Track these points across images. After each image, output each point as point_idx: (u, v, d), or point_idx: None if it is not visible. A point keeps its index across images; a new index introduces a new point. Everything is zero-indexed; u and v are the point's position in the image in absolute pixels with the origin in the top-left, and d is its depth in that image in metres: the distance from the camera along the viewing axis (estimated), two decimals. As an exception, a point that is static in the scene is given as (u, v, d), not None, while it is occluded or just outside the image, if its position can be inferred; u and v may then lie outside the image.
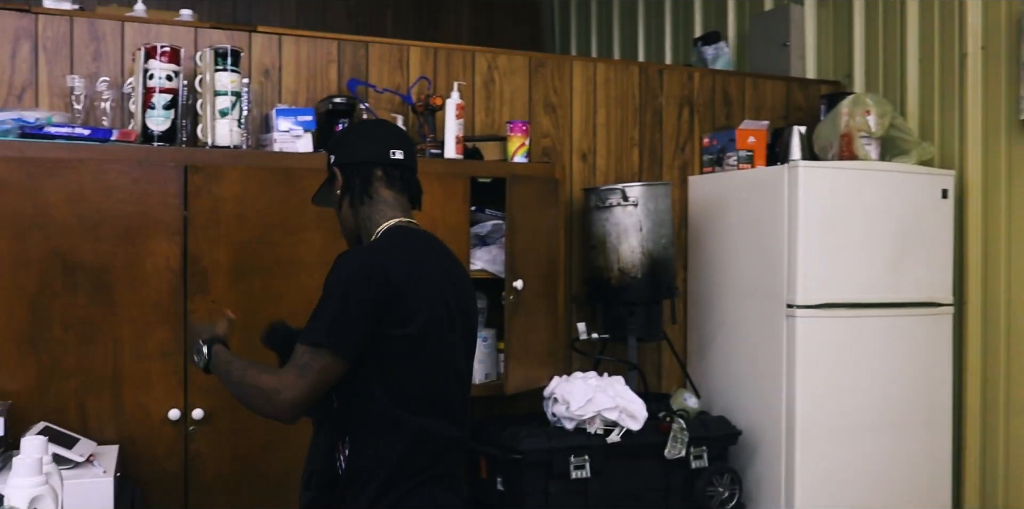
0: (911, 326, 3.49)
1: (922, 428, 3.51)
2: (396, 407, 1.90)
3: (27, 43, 3.03)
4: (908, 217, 3.51)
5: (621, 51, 6.10)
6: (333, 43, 3.42)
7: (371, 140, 2.11)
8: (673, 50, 5.58)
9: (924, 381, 3.51)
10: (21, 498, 1.70)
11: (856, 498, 3.38)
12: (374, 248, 1.99)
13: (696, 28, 5.30)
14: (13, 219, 2.68)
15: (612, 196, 3.45)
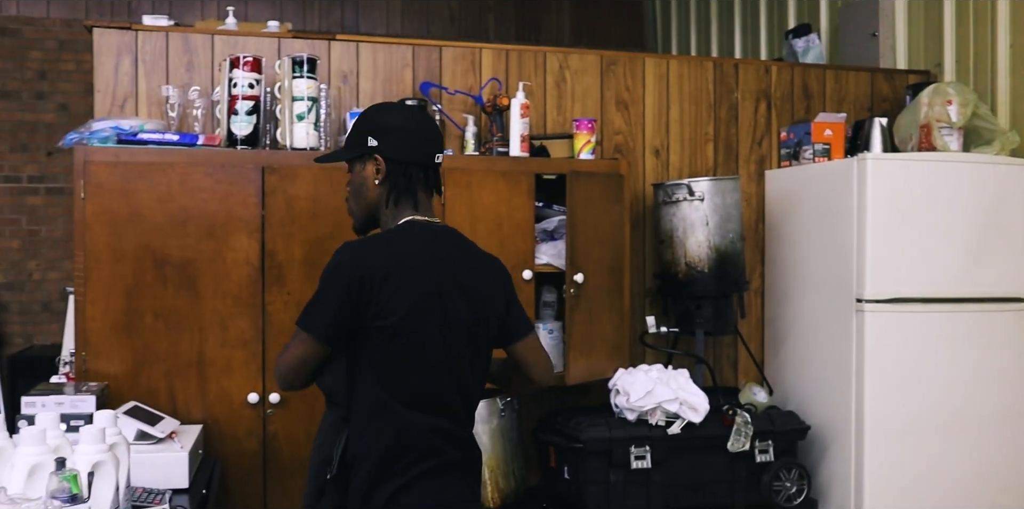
0: (991, 322, 3.38)
1: (1002, 428, 3.39)
2: (386, 394, 2.00)
3: (128, 57, 3.32)
4: (990, 209, 3.40)
5: (719, 47, 6.08)
6: (408, 48, 3.59)
7: (422, 140, 2.14)
8: (768, 44, 5.52)
9: (1004, 379, 3.39)
10: (84, 463, 1.92)
11: (929, 497, 3.30)
12: (369, 242, 2.09)
13: (790, 21, 5.24)
14: (110, 217, 2.96)
15: (678, 191, 3.49)
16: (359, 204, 2.18)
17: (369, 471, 2.00)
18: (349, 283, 1.98)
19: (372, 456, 2.00)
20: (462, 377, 2.08)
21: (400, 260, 2.03)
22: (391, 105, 2.39)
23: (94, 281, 2.94)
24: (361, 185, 2.16)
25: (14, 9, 6.12)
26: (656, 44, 6.98)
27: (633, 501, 3.23)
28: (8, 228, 6.02)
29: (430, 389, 2.04)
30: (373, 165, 2.12)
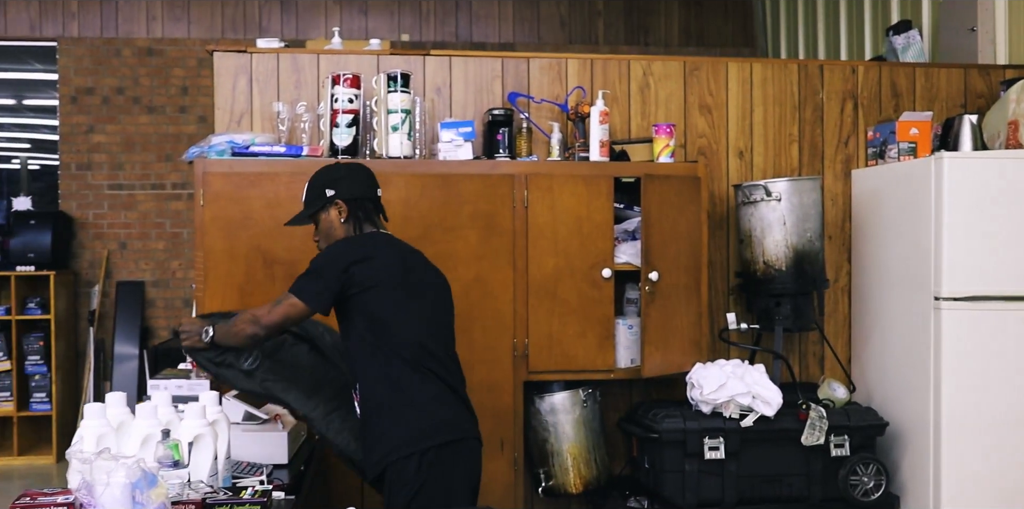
0: (1079, 320, 3.34)
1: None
2: (391, 357, 2.54)
3: (244, 77, 3.68)
4: (1079, 206, 3.36)
5: (825, 45, 6.05)
6: (497, 61, 3.82)
7: (365, 180, 2.73)
8: (872, 42, 5.48)
9: (1090, 377, 3.34)
10: (186, 434, 2.23)
11: (1008, 495, 3.29)
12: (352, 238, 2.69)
13: (893, 18, 5.19)
14: (225, 222, 3.31)
15: (756, 192, 3.59)
16: (329, 234, 2.71)
17: (389, 437, 2.60)
18: (344, 263, 2.63)
19: (384, 422, 2.66)
20: (448, 342, 2.78)
21: (375, 250, 2.65)
22: (331, 166, 2.82)
23: (211, 279, 3.30)
24: (330, 228, 2.70)
25: (159, 31, 6.70)
26: (766, 43, 6.99)
27: (708, 491, 3.36)
28: (154, 231, 6.60)
29: (433, 352, 2.71)
30: (335, 209, 2.68)
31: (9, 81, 7.34)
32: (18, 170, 7.53)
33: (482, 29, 7.04)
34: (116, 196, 6.62)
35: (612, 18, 7.14)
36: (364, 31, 6.87)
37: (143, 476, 1.69)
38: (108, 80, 6.63)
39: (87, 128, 6.62)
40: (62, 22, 6.64)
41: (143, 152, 6.61)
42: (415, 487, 2.49)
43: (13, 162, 7.78)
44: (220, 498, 1.93)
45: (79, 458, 1.70)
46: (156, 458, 2.08)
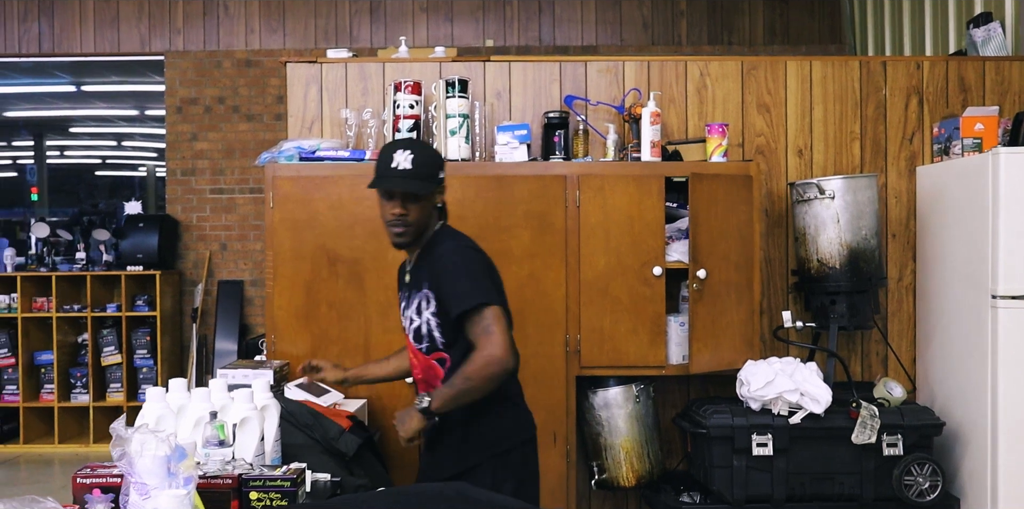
0: None
1: None
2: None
3: (314, 86, 3.89)
4: None
5: (911, 41, 5.92)
6: (555, 65, 3.93)
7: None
8: (956, 36, 5.35)
9: None
10: (233, 417, 2.43)
11: (1068, 498, 3.21)
12: (466, 237, 2.61)
13: (976, 11, 5.06)
14: (292, 223, 3.53)
15: (809, 190, 3.59)
16: (423, 223, 2.54)
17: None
18: (489, 262, 2.56)
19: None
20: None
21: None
22: (427, 144, 2.79)
23: (280, 277, 3.52)
24: (432, 208, 2.56)
25: (257, 43, 7.06)
26: (854, 40, 6.87)
27: (757, 487, 3.39)
28: (252, 232, 6.96)
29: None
30: (439, 193, 2.57)
31: (131, 93, 7.87)
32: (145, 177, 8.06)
33: (565, 32, 7.15)
34: (217, 200, 7.02)
35: (695, 18, 7.14)
36: (450, 38, 7.07)
37: (175, 450, 1.87)
38: (210, 90, 7.03)
39: (191, 136, 7.04)
40: (168, 37, 7.07)
41: (242, 158, 6.98)
42: (520, 477, 2.55)
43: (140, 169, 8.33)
44: (254, 474, 2.10)
45: (119, 433, 1.90)
46: (204, 437, 2.27)
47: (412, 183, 2.48)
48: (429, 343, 2.53)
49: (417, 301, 2.53)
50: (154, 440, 1.87)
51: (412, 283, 2.56)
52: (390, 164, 2.50)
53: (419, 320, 2.53)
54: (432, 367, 2.55)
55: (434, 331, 2.50)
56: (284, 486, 2.08)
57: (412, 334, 2.57)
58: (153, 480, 1.83)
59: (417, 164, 2.48)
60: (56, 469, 5.85)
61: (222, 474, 2.12)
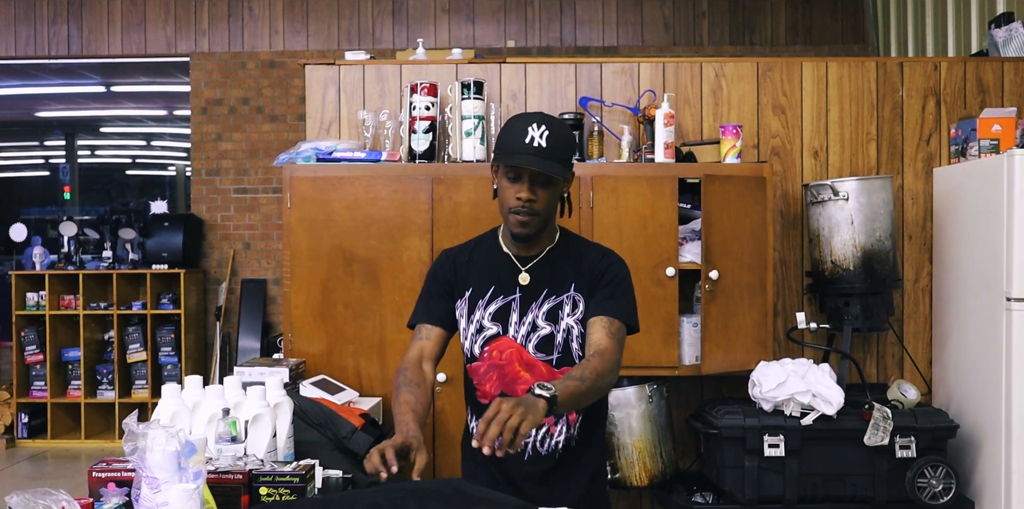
0: None
1: None
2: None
3: (332, 88, 3.94)
4: None
5: (933, 41, 5.89)
6: (571, 67, 3.96)
7: None
8: (979, 36, 5.31)
9: None
10: (245, 414, 2.48)
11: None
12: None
13: (999, 10, 5.03)
14: (309, 223, 3.58)
15: (823, 191, 3.59)
16: (550, 213, 2.18)
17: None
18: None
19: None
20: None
21: None
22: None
23: (297, 276, 3.57)
24: (562, 196, 2.22)
25: (281, 45, 7.14)
26: (877, 40, 6.84)
27: (769, 487, 3.40)
28: (276, 232, 7.04)
29: None
30: (569, 180, 2.22)
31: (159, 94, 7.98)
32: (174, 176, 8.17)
33: (586, 33, 7.17)
34: (241, 199, 7.10)
35: (716, 18, 7.13)
36: (472, 39, 7.12)
37: (185, 445, 1.92)
38: (235, 91, 7.12)
39: (215, 136, 7.13)
40: (194, 39, 7.17)
41: (265, 158, 7.06)
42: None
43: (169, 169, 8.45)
44: (264, 469, 2.15)
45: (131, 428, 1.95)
46: (216, 433, 2.32)
47: (549, 164, 2.07)
48: (562, 354, 2.19)
49: (550, 305, 2.19)
50: (165, 435, 1.92)
51: (540, 284, 2.21)
52: (523, 139, 2.09)
53: (551, 327, 2.19)
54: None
55: (573, 341, 2.19)
56: (294, 482, 2.13)
57: (536, 342, 2.19)
58: (163, 474, 1.88)
59: (553, 143, 2.09)
60: (82, 464, 5.96)
61: (233, 469, 2.16)
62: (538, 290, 2.20)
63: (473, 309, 2.24)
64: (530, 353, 2.19)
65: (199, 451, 1.95)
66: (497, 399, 1.83)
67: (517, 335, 2.20)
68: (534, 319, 2.19)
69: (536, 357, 2.19)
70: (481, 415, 2.02)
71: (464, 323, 2.25)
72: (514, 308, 2.21)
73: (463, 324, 2.26)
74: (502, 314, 2.21)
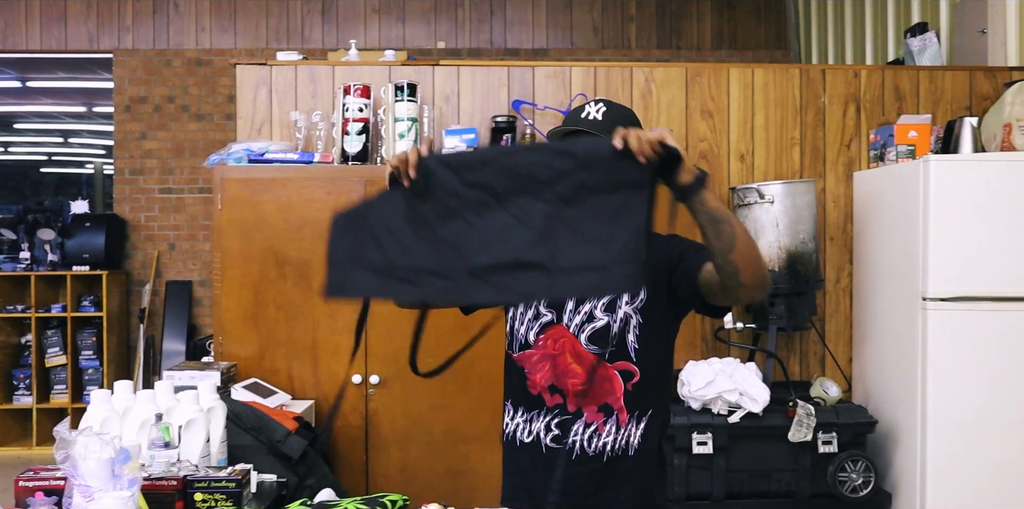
0: (1066, 321, 3.37)
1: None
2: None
3: (264, 89, 3.91)
4: (1068, 208, 3.39)
5: (852, 49, 6.08)
6: (503, 70, 3.99)
7: None
8: (895, 44, 5.51)
9: (1079, 378, 3.37)
10: (179, 419, 2.44)
11: (992, 494, 3.33)
12: None
13: (913, 21, 5.22)
14: (241, 225, 3.54)
15: (749, 194, 3.69)
16: None
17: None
18: None
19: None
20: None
21: None
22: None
23: (228, 278, 3.53)
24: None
25: (208, 43, 7.02)
26: (799, 46, 7.02)
27: (697, 485, 3.47)
28: (202, 232, 6.92)
29: None
30: None
31: (78, 90, 7.78)
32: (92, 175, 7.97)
33: (516, 35, 7.21)
34: (166, 199, 6.97)
35: (644, 23, 7.24)
36: (402, 39, 7.10)
37: (119, 452, 1.90)
38: (159, 89, 6.98)
39: (139, 135, 6.98)
40: (117, 35, 7.01)
41: (191, 158, 6.94)
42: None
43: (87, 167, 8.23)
44: (199, 475, 2.13)
45: (62, 436, 1.91)
46: (149, 439, 2.29)
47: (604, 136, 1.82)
48: (616, 348, 2.03)
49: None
50: (98, 443, 1.89)
51: None
52: (579, 114, 2.09)
53: (607, 317, 2.04)
54: (610, 380, 2.04)
55: (629, 333, 2.04)
56: (229, 487, 2.11)
57: (589, 334, 2.06)
58: (97, 482, 1.85)
59: (611, 118, 2.03)
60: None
61: (167, 476, 2.14)
62: None
63: None
64: (582, 344, 2.06)
65: (134, 458, 1.93)
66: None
67: (571, 324, 2.06)
68: (591, 309, 2.06)
69: (588, 349, 2.05)
70: (527, 408, 2.08)
71: (523, 307, 2.11)
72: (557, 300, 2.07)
73: (521, 308, 2.11)
74: (558, 301, 2.08)
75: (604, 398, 2.03)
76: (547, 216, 1.74)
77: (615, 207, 1.71)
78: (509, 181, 1.76)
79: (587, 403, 2.03)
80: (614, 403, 2.03)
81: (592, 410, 2.03)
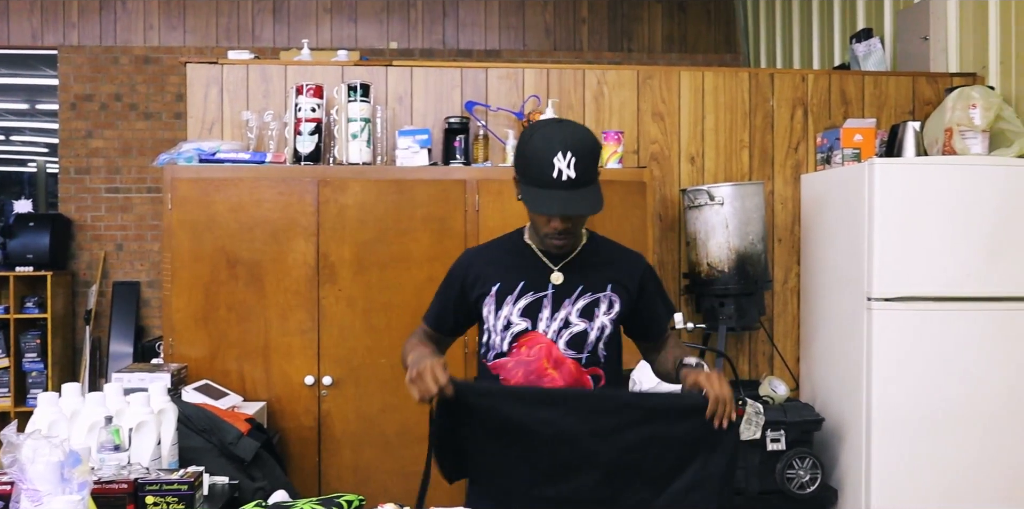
0: (1003, 321, 3.46)
1: (1008, 424, 3.46)
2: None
3: (215, 88, 3.87)
4: (1007, 210, 3.49)
5: (800, 51, 6.19)
6: (456, 71, 4.00)
7: None
8: (841, 50, 5.62)
9: (1012, 376, 3.46)
10: (129, 421, 2.42)
11: (934, 490, 3.42)
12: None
13: (859, 27, 5.33)
14: (192, 225, 3.50)
15: (700, 196, 3.74)
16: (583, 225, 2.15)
17: None
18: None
19: None
20: None
21: None
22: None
23: (178, 278, 3.49)
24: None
25: (156, 40, 6.92)
26: (748, 50, 7.13)
27: (649, 482, 3.51)
28: (150, 233, 6.82)
29: None
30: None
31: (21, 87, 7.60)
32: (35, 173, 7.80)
33: (468, 37, 7.22)
34: (113, 199, 6.85)
35: (596, 25, 7.30)
36: (354, 39, 7.06)
37: (68, 455, 1.87)
38: (106, 87, 6.86)
39: (85, 133, 6.85)
40: (63, 31, 6.87)
41: (139, 157, 6.83)
42: None
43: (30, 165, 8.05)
44: (150, 478, 2.11)
45: (9, 439, 1.88)
46: (99, 442, 2.26)
47: (582, 200, 1.96)
48: (591, 354, 2.13)
49: (585, 302, 2.12)
50: (47, 446, 1.87)
51: (575, 281, 2.13)
52: (550, 173, 1.95)
53: (585, 324, 2.11)
54: (584, 384, 2.14)
55: (602, 341, 2.14)
56: (181, 490, 2.09)
57: (567, 340, 2.12)
58: (46, 486, 1.82)
59: (583, 168, 1.95)
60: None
61: (117, 479, 2.11)
62: (572, 287, 2.13)
63: (501, 304, 2.14)
64: (560, 350, 2.12)
65: (83, 461, 1.90)
66: (704, 375, 2.10)
67: (548, 330, 2.12)
68: (567, 315, 2.12)
69: (567, 354, 2.12)
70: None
71: (492, 319, 2.15)
72: (546, 304, 2.13)
73: (491, 320, 2.16)
74: (532, 310, 2.13)
75: None
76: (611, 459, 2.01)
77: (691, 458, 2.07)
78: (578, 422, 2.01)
79: None
80: None
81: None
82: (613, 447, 2.00)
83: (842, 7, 5.59)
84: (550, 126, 2.02)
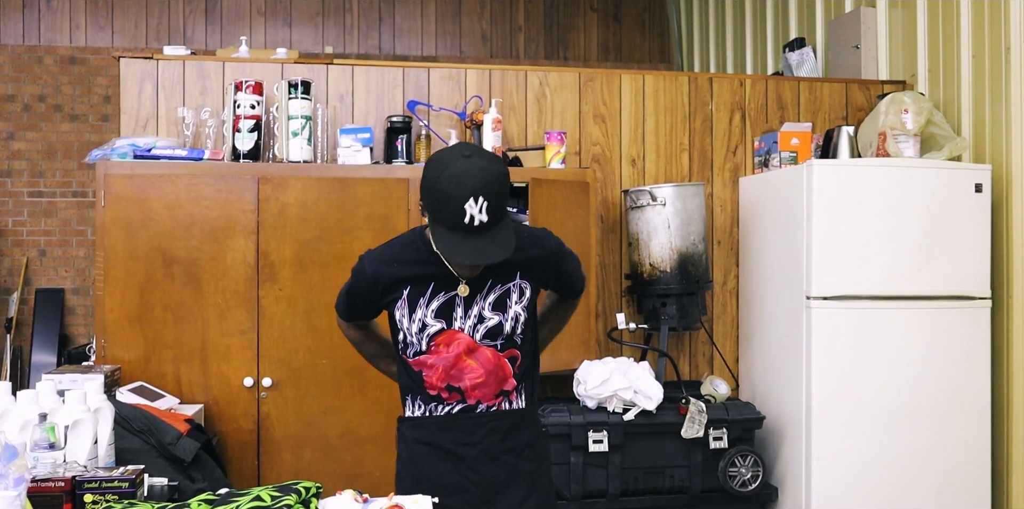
0: (938, 318, 3.56)
1: (954, 421, 3.55)
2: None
3: (150, 83, 3.77)
4: (938, 211, 3.59)
5: (733, 62, 6.31)
6: (398, 70, 3.97)
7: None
8: (774, 58, 5.74)
9: (956, 373, 3.56)
10: (64, 419, 2.32)
11: (873, 484, 3.49)
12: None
13: (792, 36, 5.45)
14: (126, 223, 3.40)
15: (642, 197, 3.77)
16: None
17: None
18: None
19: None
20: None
21: None
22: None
23: (111, 278, 3.39)
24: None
25: (82, 40, 6.74)
26: (682, 59, 7.24)
27: (593, 482, 3.51)
28: (75, 238, 6.61)
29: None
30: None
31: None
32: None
33: (405, 43, 7.19)
34: (36, 203, 6.63)
35: (532, 33, 7.34)
36: (289, 42, 6.98)
37: (5, 449, 1.78)
38: (29, 87, 6.66)
39: (7, 135, 6.63)
40: (-17, 29, 6.66)
41: (64, 160, 6.63)
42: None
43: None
44: (88, 476, 2.02)
45: (-59, 433, 1.79)
46: (32, 440, 2.17)
47: (501, 249, 1.99)
48: (505, 340, 2.16)
49: (496, 295, 2.15)
50: (-20, 440, 1.78)
51: (484, 277, 2.14)
52: (462, 219, 1.94)
53: (499, 316, 2.14)
54: (503, 367, 2.18)
55: (518, 327, 2.17)
56: (122, 487, 2.02)
57: (484, 333, 2.15)
58: (-20, 481, 1.74)
59: (493, 210, 1.95)
60: None
61: (53, 477, 2.03)
62: (483, 282, 2.14)
63: (415, 307, 2.14)
64: (477, 342, 2.15)
65: (21, 455, 1.82)
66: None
67: (464, 327, 2.14)
68: (480, 311, 2.14)
69: (485, 344, 2.16)
70: (429, 405, 2.19)
71: (406, 323, 2.16)
72: (458, 303, 2.14)
73: (404, 324, 2.16)
74: (445, 310, 2.14)
75: (500, 385, 2.18)
76: None
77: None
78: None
79: (486, 394, 2.17)
80: (509, 387, 2.19)
81: (489, 397, 2.18)
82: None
83: (775, 17, 5.71)
84: (459, 164, 1.95)
